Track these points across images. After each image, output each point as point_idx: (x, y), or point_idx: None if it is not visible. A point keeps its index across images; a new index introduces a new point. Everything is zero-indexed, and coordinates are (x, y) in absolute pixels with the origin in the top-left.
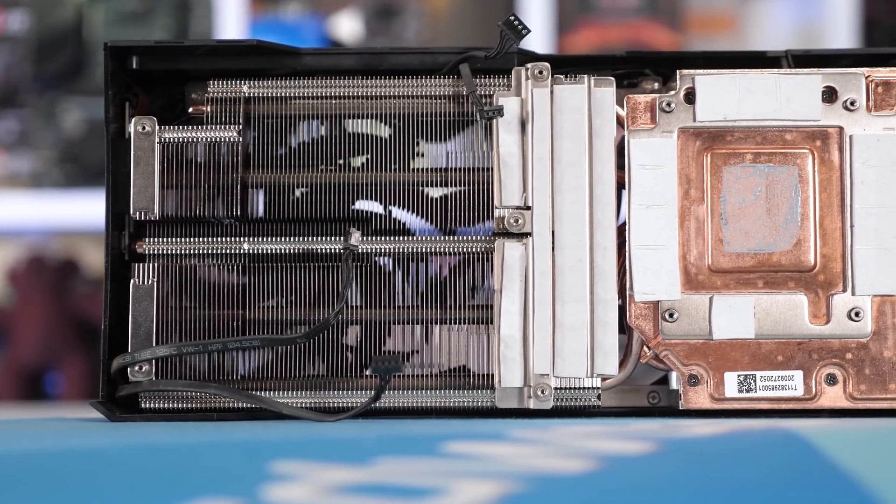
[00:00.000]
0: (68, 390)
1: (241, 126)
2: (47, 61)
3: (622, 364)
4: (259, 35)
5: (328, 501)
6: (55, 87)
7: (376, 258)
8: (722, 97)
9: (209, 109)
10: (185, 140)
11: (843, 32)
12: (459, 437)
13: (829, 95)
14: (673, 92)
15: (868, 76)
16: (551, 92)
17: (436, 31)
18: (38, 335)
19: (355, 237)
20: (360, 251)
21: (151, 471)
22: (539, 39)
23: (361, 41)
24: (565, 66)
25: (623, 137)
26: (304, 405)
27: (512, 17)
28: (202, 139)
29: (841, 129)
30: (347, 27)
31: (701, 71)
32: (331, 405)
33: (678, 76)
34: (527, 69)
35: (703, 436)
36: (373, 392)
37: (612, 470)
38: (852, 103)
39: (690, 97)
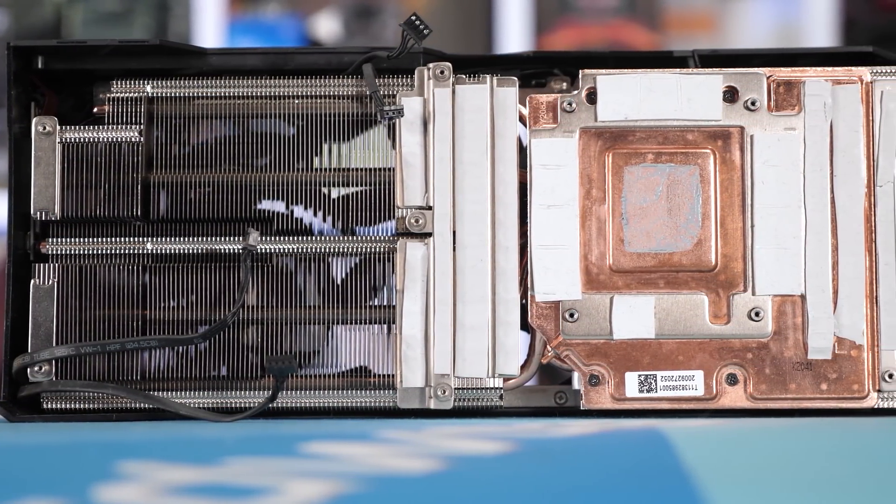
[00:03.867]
0: None
1: (143, 126)
2: None
3: (525, 364)
4: (238, 35)
5: (154, 501)
6: None
7: (278, 258)
8: (623, 97)
9: (111, 109)
10: (87, 140)
11: (821, 32)
12: (323, 438)
13: (731, 95)
14: (575, 92)
15: (770, 76)
16: (453, 92)
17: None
18: None
19: (254, 237)
20: (259, 251)
21: None
22: (517, 39)
23: (340, 41)
24: (471, 66)
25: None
26: (205, 405)
27: (413, 17)
28: (103, 139)
29: (742, 128)
30: (326, 27)
31: (602, 70)
32: (232, 405)
33: (580, 76)
34: (429, 69)
35: (566, 436)
36: (269, 392)
37: (453, 470)
38: (753, 103)
39: (592, 97)
